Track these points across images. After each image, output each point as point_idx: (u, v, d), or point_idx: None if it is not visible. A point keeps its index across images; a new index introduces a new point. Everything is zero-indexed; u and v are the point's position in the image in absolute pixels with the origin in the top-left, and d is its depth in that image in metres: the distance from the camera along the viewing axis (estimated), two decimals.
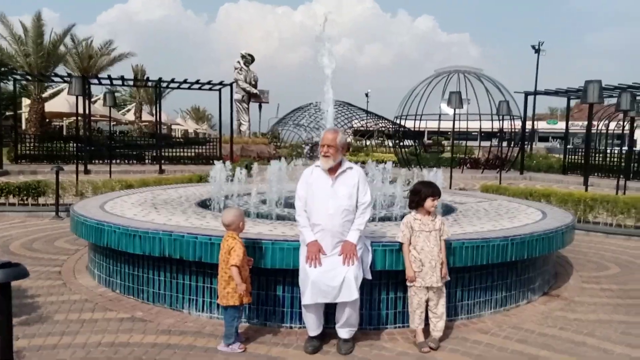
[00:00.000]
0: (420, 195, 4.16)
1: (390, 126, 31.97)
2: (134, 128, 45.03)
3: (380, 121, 36.96)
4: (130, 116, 45.80)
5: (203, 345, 4.00)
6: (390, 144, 33.45)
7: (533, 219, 5.88)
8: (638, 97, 17.58)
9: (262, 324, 4.46)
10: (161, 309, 4.79)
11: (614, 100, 19.91)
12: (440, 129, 28.70)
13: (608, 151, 22.16)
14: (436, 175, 6.91)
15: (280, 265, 4.22)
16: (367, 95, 59.82)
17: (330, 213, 3.88)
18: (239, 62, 27.80)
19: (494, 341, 4.23)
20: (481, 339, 4.27)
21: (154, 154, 22.47)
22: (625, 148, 17.44)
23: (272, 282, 4.43)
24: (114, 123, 33.33)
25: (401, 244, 4.17)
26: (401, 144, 26.25)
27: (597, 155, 21.41)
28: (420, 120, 24.00)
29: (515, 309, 5.04)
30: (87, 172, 17.63)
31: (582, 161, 20.26)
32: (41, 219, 9.27)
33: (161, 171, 19.17)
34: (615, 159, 20.03)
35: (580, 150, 22.93)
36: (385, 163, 7.84)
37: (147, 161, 22.52)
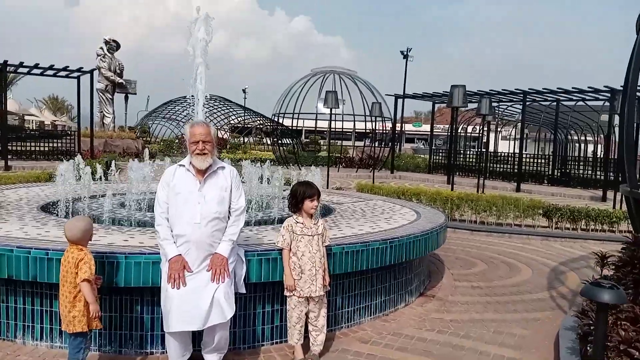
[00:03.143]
0: (297, 197, 3.81)
1: (269, 124, 31.64)
2: None
3: (259, 118, 36.48)
4: None
5: None
6: (269, 142, 33.14)
7: (408, 219, 5.87)
8: (494, 104, 19.24)
9: (117, 352, 3.79)
10: None
11: (472, 106, 21.70)
12: (317, 128, 29.05)
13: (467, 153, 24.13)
14: (314, 175, 6.68)
15: (137, 283, 3.58)
16: (244, 91, 58.74)
17: (196, 222, 3.30)
18: (102, 48, 25.41)
19: (375, 351, 4.04)
20: (362, 350, 4.05)
21: None
22: (483, 149, 18.99)
23: (127, 303, 3.76)
24: None
25: (281, 250, 3.77)
26: (279, 142, 26.04)
27: (457, 156, 23.16)
28: (298, 118, 24.00)
29: (394, 313, 4.93)
30: None
31: (445, 161, 21.78)
32: None
33: (7, 167, 16.73)
34: (473, 160, 21.85)
35: (442, 151, 24.69)
36: (264, 162, 7.44)
37: None
